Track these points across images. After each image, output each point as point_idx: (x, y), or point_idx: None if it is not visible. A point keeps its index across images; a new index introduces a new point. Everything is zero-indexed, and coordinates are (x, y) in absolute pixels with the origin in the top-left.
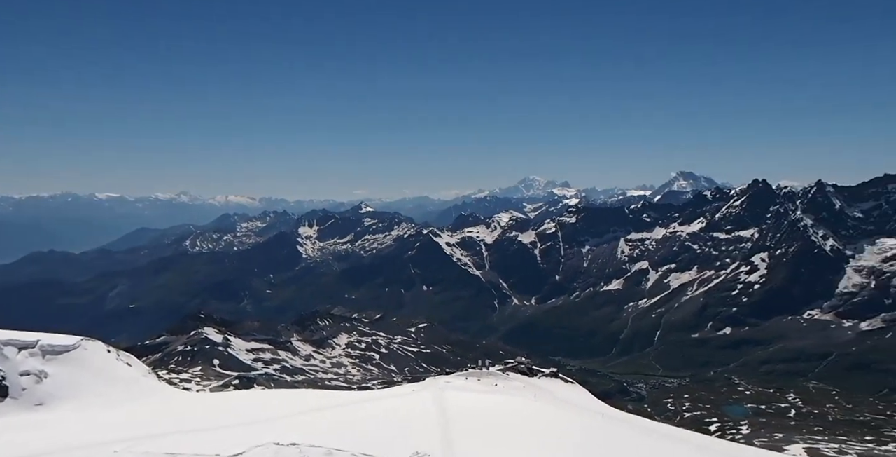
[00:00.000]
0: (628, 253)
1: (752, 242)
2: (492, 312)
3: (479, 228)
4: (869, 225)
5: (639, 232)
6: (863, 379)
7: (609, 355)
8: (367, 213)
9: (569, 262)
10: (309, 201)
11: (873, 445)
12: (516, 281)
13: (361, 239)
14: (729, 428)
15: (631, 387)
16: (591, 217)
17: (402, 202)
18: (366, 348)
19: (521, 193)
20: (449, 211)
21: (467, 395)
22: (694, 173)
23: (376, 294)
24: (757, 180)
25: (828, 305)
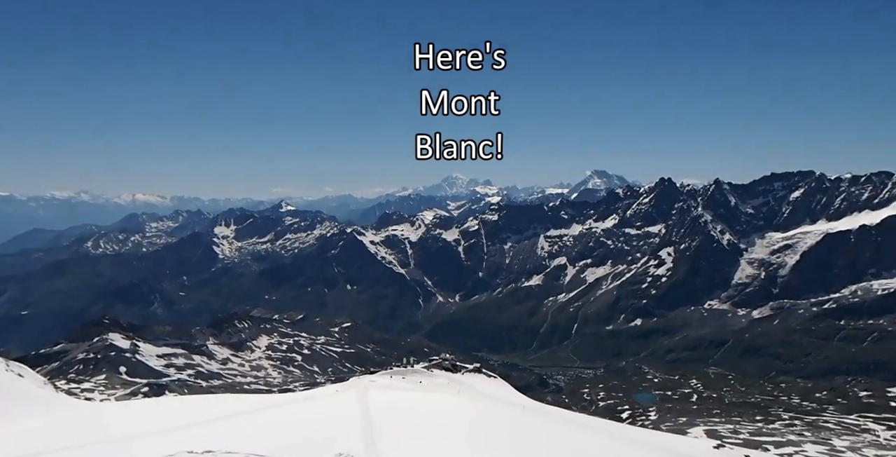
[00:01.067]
0: (548, 249)
1: (660, 238)
2: (416, 309)
3: (403, 226)
4: (759, 220)
5: (557, 229)
6: (754, 363)
7: (530, 348)
8: (287, 211)
9: (491, 258)
10: (225, 200)
11: (762, 424)
12: (440, 278)
13: (282, 238)
14: (639, 415)
15: (550, 379)
16: (512, 215)
17: (325, 201)
18: (287, 349)
19: (445, 191)
20: (373, 209)
21: (391, 393)
22: (607, 172)
23: (298, 294)
24: (663, 179)
25: (725, 296)
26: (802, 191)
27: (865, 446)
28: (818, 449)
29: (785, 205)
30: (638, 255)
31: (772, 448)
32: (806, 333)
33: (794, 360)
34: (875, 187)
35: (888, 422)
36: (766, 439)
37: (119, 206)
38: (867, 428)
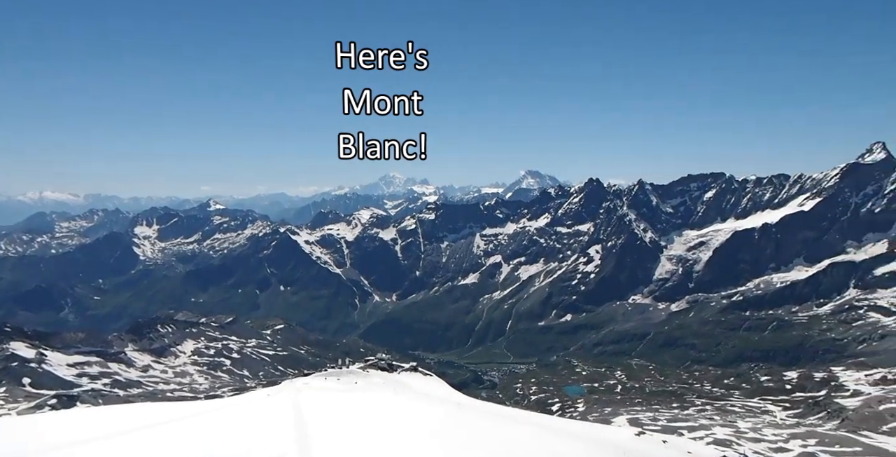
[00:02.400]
0: (483, 247)
1: (589, 236)
2: (353, 309)
3: (339, 225)
4: (677, 219)
5: (493, 227)
6: (672, 354)
7: (465, 346)
8: (216, 210)
9: (428, 257)
10: (147, 198)
11: (678, 411)
12: (377, 278)
13: (210, 238)
14: (568, 407)
15: (485, 375)
16: (449, 214)
17: (257, 199)
18: (215, 353)
19: (382, 189)
20: (307, 208)
21: (326, 395)
22: (540, 172)
23: (228, 296)
24: (592, 179)
25: (647, 291)
26: (714, 191)
27: (765, 426)
28: (726, 431)
29: (700, 204)
30: (569, 252)
31: (686, 433)
32: (717, 324)
33: (707, 349)
34: (775, 188)
35: (784, 403)
36: (682, 424)
37: (24, 204)
38: (767, 410)
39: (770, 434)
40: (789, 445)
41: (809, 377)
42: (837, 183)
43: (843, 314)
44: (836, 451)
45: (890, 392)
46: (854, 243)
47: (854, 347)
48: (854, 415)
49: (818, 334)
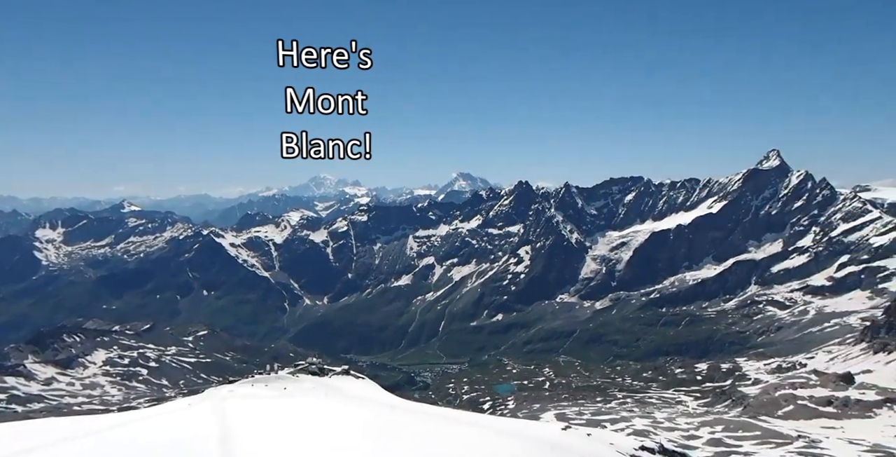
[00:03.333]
0: (416, 249)
1: (519, 237)
2: (282, 313)
3: (267, 227)
4: (601, 220)
5: (426, 229)
6: (597, 350)
7: (399, 347)
8: (131, 212)
9: (361, 259)
10: (50, 199)
11: (602, 404)
12: (308, 281)
13: (124, 242)
14: (499, 405)
15: (418, 377)
16: (381, 215)
17: (178, 200)
18: (130, 363)
19: (313, 191)
20: (233, 210)
21: (253, 402)
22: (472, 174)
23: (144, 302)
24: (521, 182)
25: (573, 290)
26: (634, 194)
27: (679, 415)
28: (644, 422)
29: (621, 207)
30: (500, 253)
31: (608, 425)
32: (637, 320)
33: (628, 345)
34: (688, 192)
35: (695, 394)
36: (605, 417)
37: None
38: (680, 400)
39: (683, 423)
40: (699, 432)
41: (717, 368)
42: (740, 187)
43: (746, 309)
44: (739, 436)
45: (784, 379)
46: (755, 243)
47: (755, 338)
48: (754, 402)
49: (725, 328)
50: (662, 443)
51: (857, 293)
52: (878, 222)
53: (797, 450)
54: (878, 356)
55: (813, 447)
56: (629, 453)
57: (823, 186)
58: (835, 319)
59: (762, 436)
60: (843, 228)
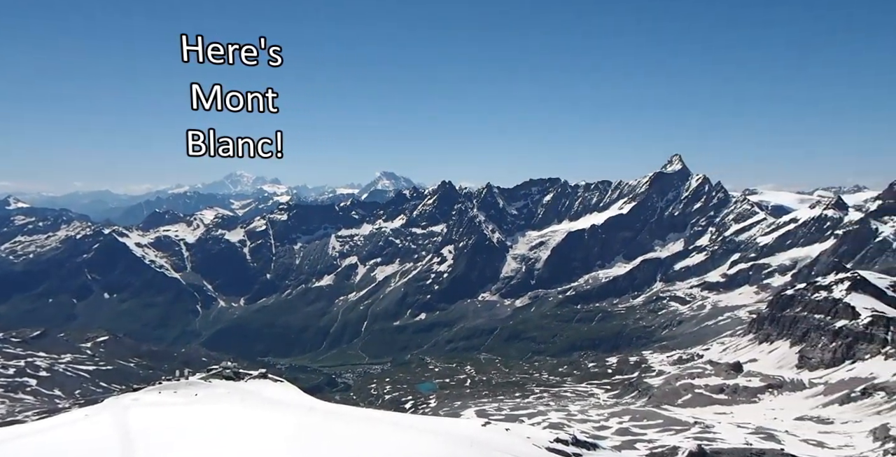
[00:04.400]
0: (339, 249)
1: (442, 237)
2: (194, 316)
3: (178, 226)
4: (521, 220)
5: (348, 228)
6: (516, 346)
7: (320, 349)
8: (18, 209)
9: (280, 259)
10: None
11: (520, 399)
12: (223, 282)
13: (10, 241)
14: (421, 403)
15: (339, 378)
16: (302, 214)
17: (74, 197)
18: (16, 373)
19: (228, 189)
20: (139, 208)
21: (160, 411)
22: (395, 174)
23: (35, 307)
24: (444, 182)
25: (495, 288)
26: (552, 195)
27: (591, 407)
28: (559, 415)
29: (540, 207)
30: (423, 253)
31: (526, 420)
32: (554, 317)
33: (546, 341)
34: (601, 193)
35: (606, 386)
36: (523, 412)
37: None
38: (593, 393)
39: (595, 415)
40: (609, 423)
41: (626, 361)
42: (647, 189)
43: (652, 305)
44: (644, 424)
45: (684, 370)
46: (660, 242)
47: (659, 332)
48: (658, 392)
49: (633, 323)
50: (575, 435)
51: (746, 289)
52: (763, 223)
53: (693, 435)
54: (762, 346)
55: (707, 432)
56: (544, 446)
57: (718, 190)
58: (727, 312)
59: (664, 424)
60: (735, 229)
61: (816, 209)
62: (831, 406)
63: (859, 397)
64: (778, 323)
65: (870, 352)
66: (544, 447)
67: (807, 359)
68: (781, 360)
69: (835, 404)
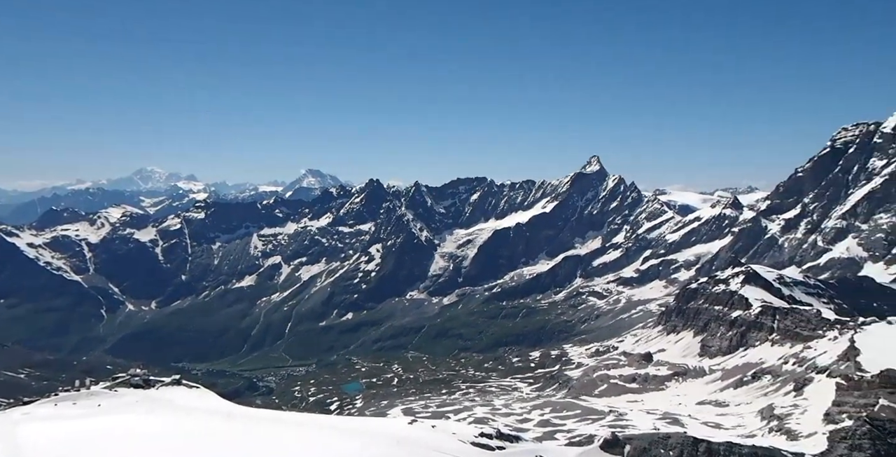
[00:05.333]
0: (261, 248)
1: (370, 235)
2: (98, 321)
3: (79, 225)
4: (449, 219)
5: (272, 227)
6: (443, 344)
7: (240, 352)
8: None
9: (197, 260)
10: None
11: (447, 396)
12: (131, 284)
13: None
14: (347, 404)
15: (261, 381)
16: (221, 212)
17: None
18: None
19: (138, 185)
20: (31, 205)
21: (54, 425)
22: (321, 171)
23: None
24: (372, 180)
25: (423, 286)
26: (479, 194)
27: (515, 401)
28: (484, 410)
29: (467, 206)
30: (350, 252)
31: (452, 416)
32: (481, 314)
33: (472, 338)
34: (526, 192)
35: (529, 380)
36: (449, 408)
37: None
38: (516, 387)
39: (518, 408)
40: (532, 415)
41: (548, 355)
42: (568, 189)
43: (572, 300)
44: (564, 415)
45: (601, 362)
46: (580, 240)
47: (579, 326)
48: (577, 383)
49: (555, 318)
50: (500, 428)
51: (657, 283)
52: (671, 221)
53: (608, 423)
54: (670, 337)
55: (620, 420)
56: (470, 441)
57: (632, 190)
58: (640, 306)
59: (582, 414)
60: (647, 227)
61: (716, 209)
62: (727, 390)
63: (750, 381)
64: (683, 315)
65: (759, 339)
66: (469, 442)
67: (708, 347)
68: (686, 349)
69: (730, 388)
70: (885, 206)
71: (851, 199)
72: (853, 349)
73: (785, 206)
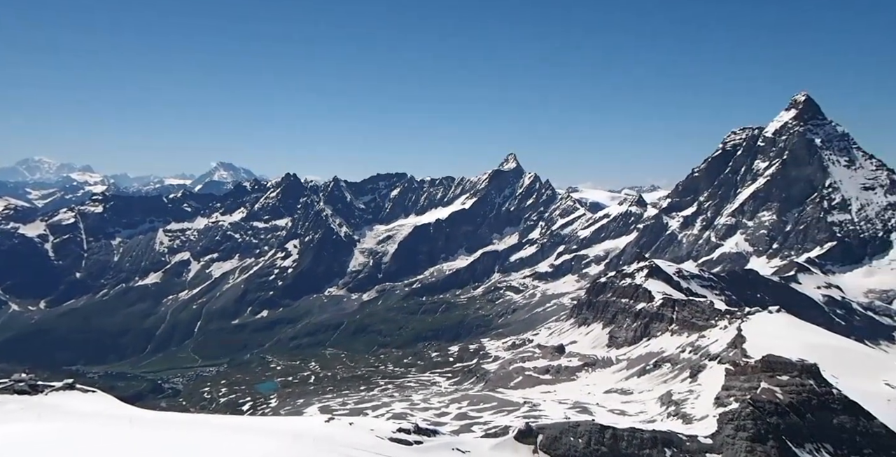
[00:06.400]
0: (168, 244)
1: (287, 231)
2: None
3: None
4: (369, 214)
5: (179, 222)
6: (363, 340)
7: (143, 353)
8: None
9: (94, 256)
10: None
11: (365, 393)
12: (16, 283)
13: None
14: (260, 404)
15: (166, 383)
16: (122, 206)
17: None
18: None
19: (24, 176)
20: None
21: None
22: (234, 165)
23: None
24: (289, 174)
25: (342, 282)
26: (399, 190)
27: (433, 395)
28: (403, 405)
29: (387, 201)
30: (266, 247)
31: (371, 412)
32: (400, 310)
33: (392, 334)
34: (446, 189)
35: (448, 374)
36: (368, 405)
37: None
38: (435, 382)
39: (436, 402)
40: (449, 409)
41: (466, 349)
42: (487, 186)
43: (490, 294)
44: (480, 408)
45: (517, 355)
46: (498, 236)
47: (496, 320)
48: (493, 376)
49: (473, 313)
50: (417, 423)
51: (569, 277)
52: (583, 218)
53: (523, 414)
54: (581, 329)
55: (534, 410)
56: (388, 437)
57: (547, 187)
58: (554, 300)
59: (498, 406)
60: (561, 223)
61: (623, 206)
62: (632, 379)
63: (652, 370)
64: (593, 308)
65: (661, 330)
66: (387, 438)
67: (615, 338)
68: (596, 340)
69: (634, 377)
70: (767, 205)
71: (739, 198)
72: (740, 337)
73: (683, 204)
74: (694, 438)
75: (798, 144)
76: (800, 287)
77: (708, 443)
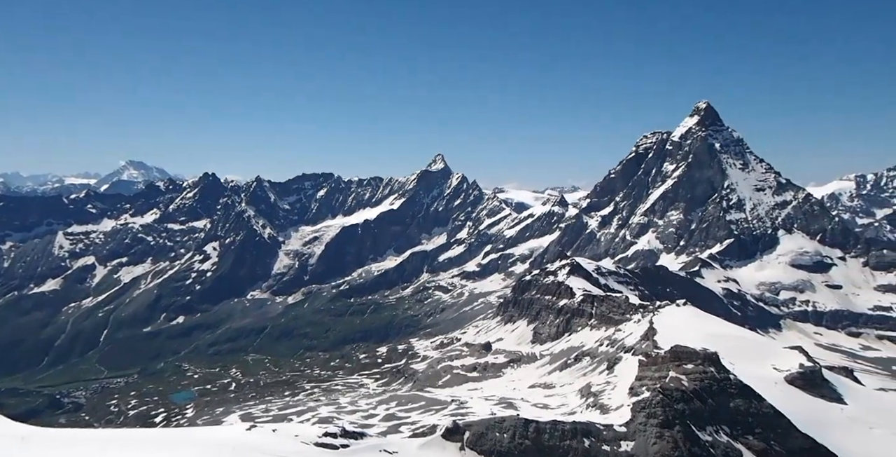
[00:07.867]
0: (69, 248)
1: (205, 233)
2: None
3: None
4: (294, 215)
5: (82, 224)
6: (287, 344)
7: (39, 366)
8: None
9: None
10: None
11: (290, 398)
12: None
13: None
14: (175, 415)
15: (66, 398)
16: (14, 207)
17: None
18: None
19: None
20: None
21: None
22: (145, 164)
23: None
24: (207, 174)
25: (266, 285)
26: (326, 190)
27: (361, 397)
28: (329, 409)
29: (314, 202)
30: (182, 250)
31: (295, 417)
32: (327, 312)
33: (318, 336)
34: (374, 189)
35: (376, 375)
36: (292, 410)
37: None
38: (363, 383)
39: (364, 404)
40: (377, 410)
41: (395, 350)
42: (415, 186)
43: (419, 294)
44: (409, 408)
45: (445, 354)
46: (426, 236)
47: (425, 320)
48: (422, 376)
49: (402, 313)
50: (344, 426)
51: (496, 276)
52: (509, 218)
53: (450, 412)
54: (507, 326)
55: (462, 408)
56: (313, 442)
57: (474, 188)
58: (481, 298)
59: (426, 405)
60: (487, 223)
61: (547, 206)
62: (555, 373)
63: (573, 363)
64: (519, 305)
65: (581, 325)
66: (313, 443)
67: (539, 335)
68: (521, 337)
69: (556, 371)
70: (675, 204)
71: (651, 198)
72: (651, 330)
73: (601, 204)
74: (610, 427)
75: (700, 148)
76: (703, 281)
77: (623, 431)
